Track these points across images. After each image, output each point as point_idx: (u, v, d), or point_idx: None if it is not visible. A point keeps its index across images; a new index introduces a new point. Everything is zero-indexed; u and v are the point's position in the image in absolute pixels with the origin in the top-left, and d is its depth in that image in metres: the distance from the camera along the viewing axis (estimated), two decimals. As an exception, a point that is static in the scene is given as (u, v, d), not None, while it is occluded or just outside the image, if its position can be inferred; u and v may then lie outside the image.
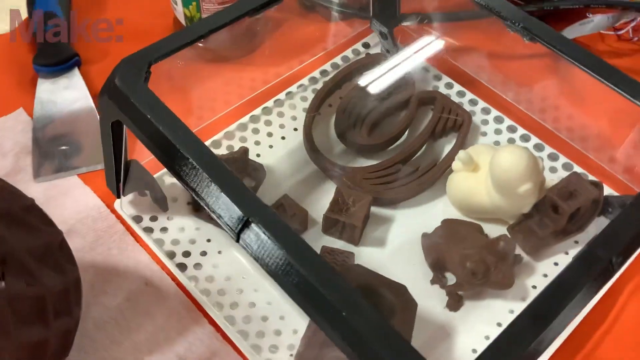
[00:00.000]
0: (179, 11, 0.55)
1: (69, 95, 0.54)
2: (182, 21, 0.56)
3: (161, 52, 0.38)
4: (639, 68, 0.59)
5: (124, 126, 0.38)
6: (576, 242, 0.46)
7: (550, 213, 0.44)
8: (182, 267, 0.44)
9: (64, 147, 0.51)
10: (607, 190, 0.47)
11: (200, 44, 0.47)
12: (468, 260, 0.42)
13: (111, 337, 0.41)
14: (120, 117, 0.37)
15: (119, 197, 0.45)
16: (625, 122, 0.50)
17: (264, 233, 0.30)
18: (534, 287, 0.44)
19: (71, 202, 0.48)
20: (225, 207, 0.32)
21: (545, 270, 0.45)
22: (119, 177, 0.43)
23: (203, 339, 0.41)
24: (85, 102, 0.54)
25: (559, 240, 0.45)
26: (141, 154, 0.43)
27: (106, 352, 0.40)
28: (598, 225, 0.46)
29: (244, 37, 0.58)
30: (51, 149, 0.50)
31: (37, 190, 0.48)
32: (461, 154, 0.46)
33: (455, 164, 0.47)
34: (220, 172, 0.33)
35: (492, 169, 0.43)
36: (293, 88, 0.55)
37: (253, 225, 0.31)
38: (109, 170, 0.43)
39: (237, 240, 0.32)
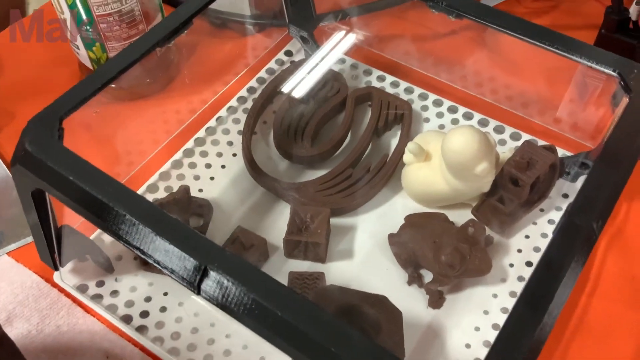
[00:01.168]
0: (83, 55, 0.51)
1: (-21, 168, 0.49)
2: (89, 65, 0.52)
3: (72, 104, 0.35)
4: (561, 23, 0.59)
5: (46, 193, 0.34)
6: (542, 210, 0.45)
7: (511, 187, 0.43)
8: (142, 329, 0.40)
9: (-16, 227, 0.46)
10: (560, 152, 0.46)
11: (113, 86, 0.43)
12: (442, 253, 0.40)
13: None
14: (40, 184, 0.33)
15: (56, 269, 0.41)
16: (561, 79, 0.49)
17: (227, 279, 0.27)
18: (512, 265, 0.42)
19: (6, 285, 0.43)
20: (178, 260, 0.28)
21: (518, 246, 0.43)
22: (52, 247, 0.39)
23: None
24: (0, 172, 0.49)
25: (526, 212, 0.44)
26: (72, 217, 0.39)
27: None
28: (559, 188, 0.46)
29: (158, 69, 0.54)
30: None
31: (-36, 281, 0.43)
32: (410, 145, 0.44)
33: (407, 157, 0.45)
34: (162, 222, 0.29)
35: (444, 154, 0.42)
36: (223, 112, 0.52)
37: (212, 272, 0.28)
38: (40, 243, 0.38)
39: (198, 293, 0.29)
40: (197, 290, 0.28)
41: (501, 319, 0.40)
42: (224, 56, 0.56)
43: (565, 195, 0.46)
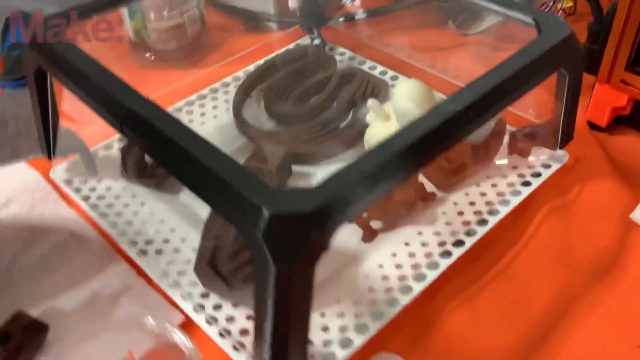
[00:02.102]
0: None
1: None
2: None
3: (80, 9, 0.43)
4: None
5: (48, 75, 0.42)
6: (487, 177, 0.47)
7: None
8: (103, 216, 0.46)
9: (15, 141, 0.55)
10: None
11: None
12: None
13: (33, 279, 0.43)
14: (42, 63, 0.41)
15: (49, 157, 0.48)
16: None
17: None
18: (444, 213, 0.45)
19: (15, 179, 0.51)
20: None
21: (455, 200, 0.45)
22: (48, 134, 0.46)
23: (119, 274, 0.42)
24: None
25: (470, 174, 0.46)
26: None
27: (27, 292, 0.41)
28: (512, 161, 0.48)
29: (190, 46, 0.64)
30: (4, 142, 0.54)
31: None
32: (370, 102, 0.48)
33: (369, 115, 0.49)
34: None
35: (393, 104, 0.46)
36: (228, 79, 0.59)
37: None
38: (39, 128, 0.46)
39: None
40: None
41: (419, 250, 0.42)
42: (244, 43, 0.65)
43: (515, 167, 0.48)
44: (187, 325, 0.38)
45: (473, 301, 0.40)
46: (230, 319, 0.38)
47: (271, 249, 0.27)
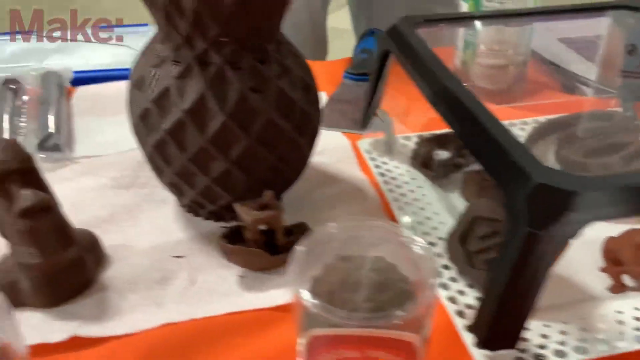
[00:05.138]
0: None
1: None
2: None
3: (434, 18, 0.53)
4: None
5: (389, 58, 0.53)
6: None
7: None
8: (386, 183, 0.54)
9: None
10: None
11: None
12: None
13: (317, 208, 0.53)
14: (391, 46, 0.51)
15: (362, 129, 0.59)
16: None
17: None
18: None
19: (332, 140, 0.63)
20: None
21: None
22: (367, 112, 0.57)
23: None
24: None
25: None
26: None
27: (311, 215, 0.52)
28: None
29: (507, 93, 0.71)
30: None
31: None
32: None
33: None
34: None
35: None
36: (528, 119, 0.64)
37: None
38: (365, 101, 0.57)
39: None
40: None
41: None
42: (555, 98, 0.69)
43: None
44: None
45: None
46: (460, 292, 0.43)
47: (530, 212, 0.31)
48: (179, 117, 0.43)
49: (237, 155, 0.44)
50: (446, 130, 0.60)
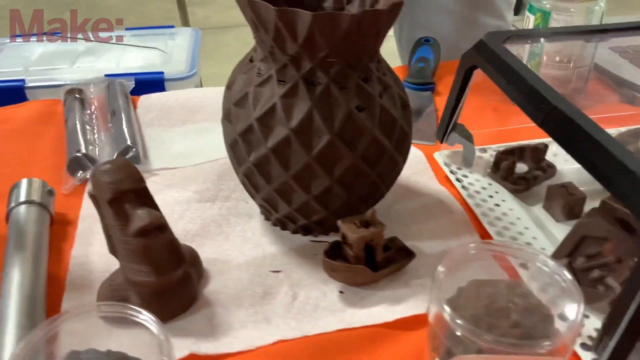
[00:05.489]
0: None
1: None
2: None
3: (517, 34, 0.54)
4: None
5: (473, 73, 0.53)
6: None
7: None
8: (471, 197, 0.55)
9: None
10: None
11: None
12: None
13: (403, 222, 0.53)
14: (478, 60, 0.52)
15: (441, 141, 0.59)
16: None
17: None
18: None
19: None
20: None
21: None
22: (447, 124, 0.57)
23: (471, 242, 0.50)
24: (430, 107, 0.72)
25: None
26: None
27: (398, 230, 0.52)
28: None
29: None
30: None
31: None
32: None
33: None
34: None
35: None
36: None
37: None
38: (445, 115, 0.58)
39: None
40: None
41: None
42: (613, 109, 0.69)
43: None
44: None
45: None
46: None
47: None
48: (285, 134, 0.44)
49: (340, 173, 0.45)
50: (524, 142, 0.60)
